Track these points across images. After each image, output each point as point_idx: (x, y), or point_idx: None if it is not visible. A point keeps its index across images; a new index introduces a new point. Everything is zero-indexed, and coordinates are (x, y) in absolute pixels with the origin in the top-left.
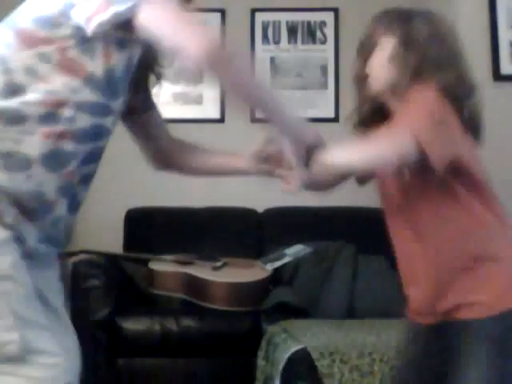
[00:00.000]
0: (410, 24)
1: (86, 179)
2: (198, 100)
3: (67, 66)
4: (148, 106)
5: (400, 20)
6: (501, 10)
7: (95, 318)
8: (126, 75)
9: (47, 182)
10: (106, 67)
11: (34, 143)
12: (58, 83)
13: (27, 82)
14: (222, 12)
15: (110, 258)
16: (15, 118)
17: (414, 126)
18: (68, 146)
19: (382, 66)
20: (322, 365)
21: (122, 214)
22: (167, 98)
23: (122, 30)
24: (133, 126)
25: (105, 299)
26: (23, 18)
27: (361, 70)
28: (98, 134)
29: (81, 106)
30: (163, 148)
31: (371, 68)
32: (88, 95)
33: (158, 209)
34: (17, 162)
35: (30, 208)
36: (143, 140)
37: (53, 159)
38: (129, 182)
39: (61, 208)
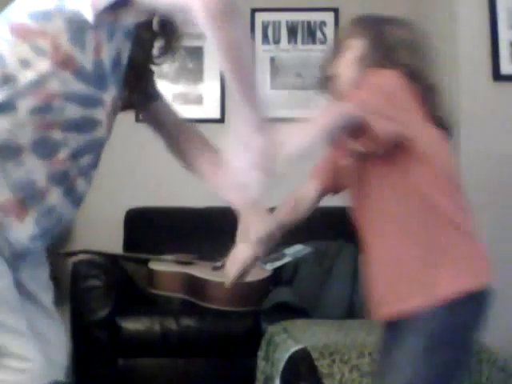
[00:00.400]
0: (382, 28)
1: (86, 172)
2: (198, 100)
3: (59, 59)
4: (147, 102)
5: (372, 24)
6: (501, 10)
7: (95, 318)
8: (115, 68)
9: (37, 170)
10: (96, 59)
11: (24, 132)
12: (48, 74)
13: (18, 72)
14: None
15: (110, 258)
16: (5, 109)
17: (360, 97)
18: (56, 134)
19: (348, 67)
20: (321, 365)
21: (122, 214)
22: (167, 98)
23: (115, 13)
24: (142, 117)
25: (105, 299)
26: (18, 13)
27: (329, 71)
28: (88, 125)
29: (70, 97)
30: (172, 142)
31: (338, 68)
32: (77, 87)
33: (158, 209)
34: (7, 151)
35: (21, 198)
36: (153, 130)
37: (42, 146)
38: (129, 182)
39: (54, 197)
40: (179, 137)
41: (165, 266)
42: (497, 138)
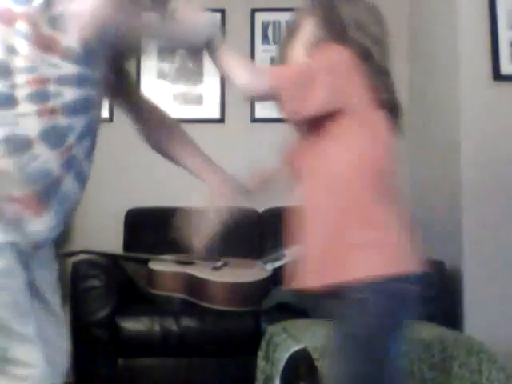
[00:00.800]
0: (334, 8)
1: (88, 153)
2: (198, 100)
3: (43, 43)
4: (121, 91)
5: (324, 3)
6: (501, 10)
7: (95, 318)
8: (101, 44)
9: (51, 159)
10: (80, 37)
11: (30, 123)
12: (37, 60)
13: (8, 60)
14: (222, 12)
15: (110, 258)
16: (7, 102)
17: (288, 69)
18: (62, 120)
19: (301, 46)
20: (321, 365)
21: (122, 214)
22: (167, 98)
23: None
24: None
25: (105, 299)
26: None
27: (284, 52)
28: (87, 106)
29: (64, 80)
30: (151, 132)
31: (292, 47)
32: (69, 69)
33: (158, 209)
34: (18, 145)
35: (39, 191)
36: (132, 121)
37: (51, 135)
38: (129, 182)
39: (68, 183)
40: (162, 135)
41: (165, 266)
42: (497, 137)
